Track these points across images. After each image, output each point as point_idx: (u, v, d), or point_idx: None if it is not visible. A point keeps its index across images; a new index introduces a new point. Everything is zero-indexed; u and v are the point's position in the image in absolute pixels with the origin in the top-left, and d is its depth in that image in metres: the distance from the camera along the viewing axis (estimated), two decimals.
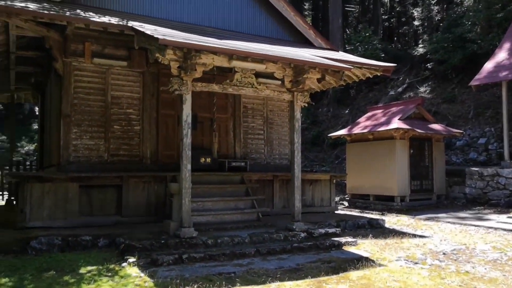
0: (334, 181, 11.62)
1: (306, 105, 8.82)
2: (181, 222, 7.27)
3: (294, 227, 8.25)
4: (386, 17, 35.77)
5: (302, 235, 8.13)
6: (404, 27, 34.60)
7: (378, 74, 11.42)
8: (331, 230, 8.62)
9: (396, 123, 14.13)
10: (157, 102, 9.86)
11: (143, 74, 9.73)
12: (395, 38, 35.80)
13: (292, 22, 11.10)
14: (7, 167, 14.63)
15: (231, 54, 7.47)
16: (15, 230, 7.58)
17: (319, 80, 9.08)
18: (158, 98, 9.86)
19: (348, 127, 16.34)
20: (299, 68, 8.41)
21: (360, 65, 10.78)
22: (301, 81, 8.50)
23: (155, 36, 6.88)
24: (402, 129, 13.91)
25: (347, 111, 25.69)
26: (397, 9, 36.01)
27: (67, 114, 8.86)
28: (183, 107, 7.48)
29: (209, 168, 9.91)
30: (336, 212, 11.59)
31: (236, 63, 7.87)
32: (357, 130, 15.46)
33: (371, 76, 11.66)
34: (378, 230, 10.16)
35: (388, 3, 37.11)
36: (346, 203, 15.93)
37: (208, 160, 9.89)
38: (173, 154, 9.97)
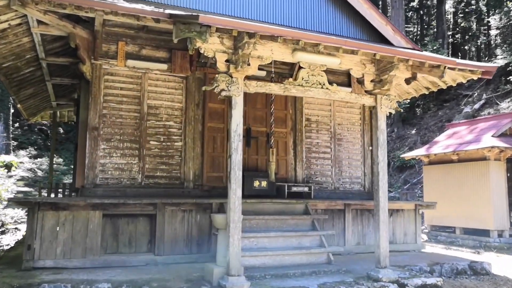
0: (420, 211, 9.05)
1: (393, 112, 6.52)
2: (228, 267, 5.17)
3: (379, 275, 5.87)
4: (450, 33, 32.66)
5: (392, 287, 5.75)
6: (472, 41, 31.26)
7: (475, 77, 8.85)
8: (430, 281, 6.17)
9: (489, 141, 11.34)
10: (203, 113, 7.95)
11: (187, 80, 7.89)
12: (459, 54, 32.51)
13: (366, 17, 8.93)
14: (45, 189, 13.35)
15: (297, 40, 5.41)
16: (19, 271, 5.80)
17: (408, 81, 6.78)
18: (204, 108, 7.96)
19: (426, 146, 13.67)
20: (384, 62, 6.20)
21: (454, 65, 8.31)
22: (386, 80, 6.26)
23: (195, 14, 4.98)
24: (498, 147, 11.09)
25: (413, 131, 22.77)
26: (462, 24, 32.81)
27: (94, 127, 7.15)
28: (232, 113, 5.47)
29: (264, 193, 7.78)
30: (422, 250, 8.96)
31: (302, 56, 5.82)
32: (437, 149, 12.76)
33: (464, 81, 9.10)
34: (485, 278, 7.50)
35: (451, 18, 34.02)
36: (424, 237, 13.10)
37: (264, 184, 7.76)
38: (221, 177, 7.96)
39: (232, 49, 5.52)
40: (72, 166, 26.01)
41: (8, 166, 18.03)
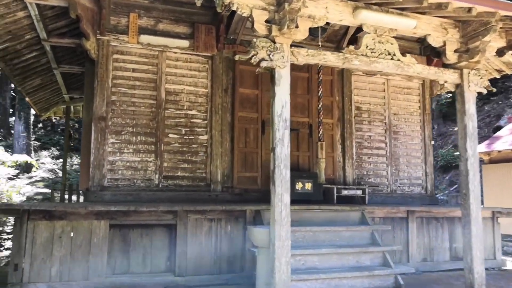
0: (498, 219, 7.34)
1: (485, 91, 4.93)
2: None
3: None
4: None
5: None
6: None
7: None
8: None
9: None
10: (233, 100, 6.53)
11: (212, 60, 6.49)
12: None
13: None
14: (55, 190, 12.22)
15: None
16: None
17: (501, 52, 5.17)
18: (233, 94, 6.53)
19: (485, 143, 11.86)
20: (474, 25, 4.62)
21: None
22: (477, 49, 4.70)
23: None
24: None
25: (456, 128, 20.79)
26: None
27: (101, 116, 5.82)
28: (276, 91, 4.00)
29: (308, 198, 6.30)
30: (504, 268, 7.26)
31: (366, 16, 4.33)
32: (501, 146, 10.95)
33: None
34: None
35: None
36: None
37: (308, 186, 6.27)
38: (254, 177, 6.51)
39: (274, 4, 4.07)
40: None
41: (28, 167, 17.12)
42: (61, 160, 25.71)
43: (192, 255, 5.30)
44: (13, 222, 4.68)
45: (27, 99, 10.04)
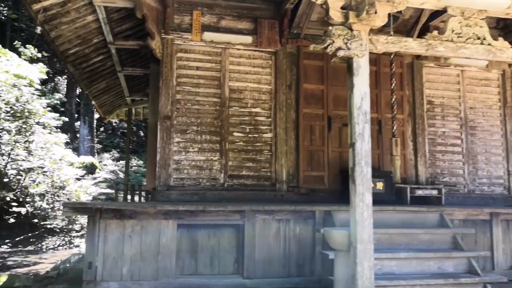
0: None
1: None
2: None
3: None
4: None
5: None
6: None
7: None
8: None
9: None
10: (297, 96, 6.25)
11: (276, 55, 6.25)
12: None
13: None
14: (119, 190, 12.52)
15: None
16: None
17: None
18: (298, 90, 6.26)
19: None
20: None
21: None
22: None
23: None
24: None
25: None
26: None
27: (166, 115, 5.76)
28: (354, 81, 3.69)
29: (379, 199, 5.86)
30: None
31: None
32: None
33: None
34: None
35: None
36: None
37: (379, 186, 5.87)
38: (321, 176, 6.19)
39: None
40: None
41: (92, 168, 17.85)
42: (121, 162, 26.67)
43: (260, 257, 5.09)
44: (87, 221, 4.69)
45: (93, 102, 10.35)
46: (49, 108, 10.33)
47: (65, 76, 27.66)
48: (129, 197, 11.50)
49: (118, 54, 7.80)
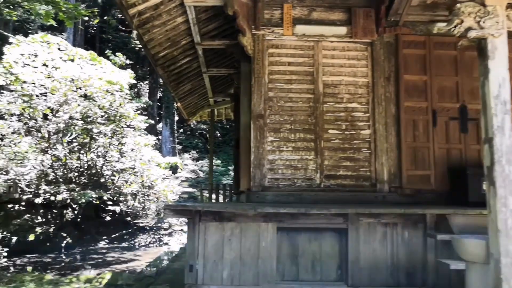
0: None
1: None
2: None
3: None
4: None
5: None
6: None
7: None
8: None
9: None
10: (397, 89, 5.69)
11: (372, 46, 5.74)
12: None
13: None
14: (204, 189, 12.64)
15: None
16: None
17: None
18: (398, 82, 5.69)
19: None
20: None
21: None
22: None
23: None
24: None
25: None
26: None
27: (259, 114, 5.52)
28: (489, 66, 3.12)
29: None
30: None
31: None
32: None
33: None
34: None
35: None
36: None
37: None
38: (427, 176, 5.57)
39: None
40: (231, 167, 26.18)
41: (174, 168, 18.41)
42: (200, 161, 27.40)
43: (365, 264, 4.65)
44: (187, 223, 4.59)
45: (178, 104, 10.51)
46: (139, 111, 10.69)
47: (147, 82, 29.06)
48: (213, 196, 11.58)
49: (204, 55, 7.76)
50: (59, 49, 9.30)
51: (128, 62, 16.05)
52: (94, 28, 31.67)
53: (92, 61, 9.64)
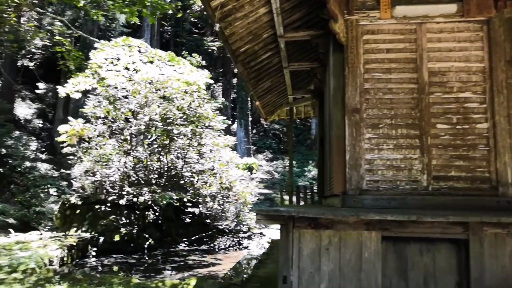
0: None
1: None
2: None
3: None
4: None
5: None
6: None
7: None
8: None
9: None
10: None
11: (488, 25, 4.98)
12: None
13: None
14: (284, 191, 12.31)
15: None
16: None
17: None
18: None
19: None
20: None
21: None
22: None
23: None
24: None
25: None
26: None
27: (354, 108, 5.03)
28: None
29: None
30: None
31: None
32: None
33: None
34: None
35: None
36: None
37: None
38: None
39: None
40: (307, 168, 25.68)
41: (249, 169, 18.37)
42: (275, 162, 27.23)
43: (492, 283, 3.97)
44: (279, 230, 4.25)
45: (257, 103, 10.30)
46: (218, 112, 10.65)
47: (220, 84, 29.58)
48: (294, 198, 11.21)
49: (286, 48, 7.42)
50: (139, 51, 9.54)
51: (203, 63, 16.26)
52: (169, 33, 33.00)
53: (170, 62, 9.76)
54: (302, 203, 10.98)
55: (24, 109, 23.26)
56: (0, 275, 6.31)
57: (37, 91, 24.69)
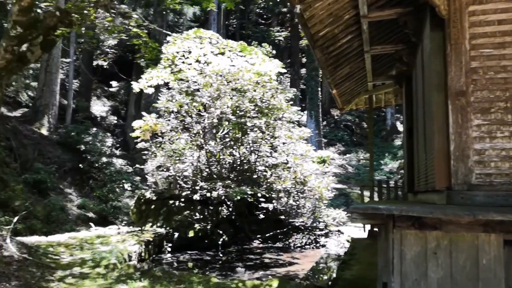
0: None
1: None
2: None
3: None
4: None
5: None
6: None
7: None
8: None
9: None
10: None
11: None
12: None
13: None
14: (365, 186, 11.73)
15: None
16: None
17: None
18: None
19: None
20: None
21: None
22: None
23: None
24: None
25: None
26: None
27: (459, 91, 4.45)
28: None
29: None
30: None
31: None
32: None
33: None
34: None
35: None
36: None
37: None
38: None
39: None
40: (383, 161, 24.58)
41: (323, 162, 17.86)
42: (348, 155, 26.38)
43: None
44: (377, 229, 3.86)
45: (333, 91, 9.81)
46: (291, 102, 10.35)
47: (287, 75, 29.20)
48: (375, 195, 10.61)
49: (369, 30, 6.89)
50: (210, 43, 9.48)
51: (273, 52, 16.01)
52: (234, 26, 33.24)
53: (242, 52, 9.61)
54: (382, 199, 10.36)
55: (99, 107, 24.62)
56: (84, 269, 6.54)
57: (110, 89, 26.06)
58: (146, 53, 7.31)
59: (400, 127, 30.04)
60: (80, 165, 16.29)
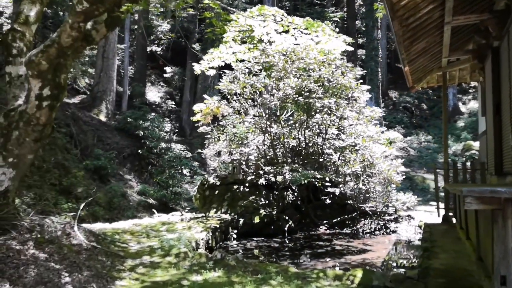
0: None
1: None
2: None
3: None
4: None
5: None
6: None
7: None
8: None
9: None
10: None
11: None
12: None
13: None
14: (438, 170, 11.14)
15: None
16: None
17: None
18: None
19: None
20: None
21: None
22: None
23: None
24: None
25: None
26: None
27: None
28: None
29: None
30: None
31: None
32: None
33: None
34: None
35: None
36: None
37: None
38: None
39: None
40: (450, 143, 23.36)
41: (390, 143, 17.24)
42: (408, 138, 25.38)
43: None
44: (491, 215, 3.52)
45: (405, 68, 9.29)
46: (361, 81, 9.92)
47: (343, 56, 28.38)
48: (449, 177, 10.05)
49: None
50: (274, 20, 9.21)
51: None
52: (287, 7, 32.62)
53: (307, 29, 9.27)
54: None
55: (153, 93, 25.14)
56: (154, 258, 6.38)
57: (164, 75, 26.50)
58: (217, 27, 7.17)
59: (462, 107, 28.51)
60: (139, 151, 16.66)
